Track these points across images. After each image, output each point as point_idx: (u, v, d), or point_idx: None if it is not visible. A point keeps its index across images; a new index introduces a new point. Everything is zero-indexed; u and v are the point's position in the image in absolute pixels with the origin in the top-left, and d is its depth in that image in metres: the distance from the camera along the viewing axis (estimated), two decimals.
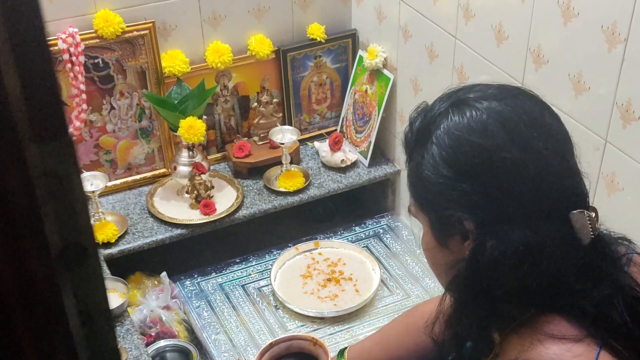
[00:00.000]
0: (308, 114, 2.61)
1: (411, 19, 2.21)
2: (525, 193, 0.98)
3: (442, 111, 1.05)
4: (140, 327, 2.06)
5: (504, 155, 0.98)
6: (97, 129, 2.29)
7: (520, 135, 1.00)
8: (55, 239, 0.34)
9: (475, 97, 1.04)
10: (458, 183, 1.00)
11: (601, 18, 1.53)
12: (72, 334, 0.36)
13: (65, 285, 0.35)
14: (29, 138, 0.32)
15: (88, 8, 2.15)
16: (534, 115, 1.02)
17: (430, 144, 1.04)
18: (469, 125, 1.01)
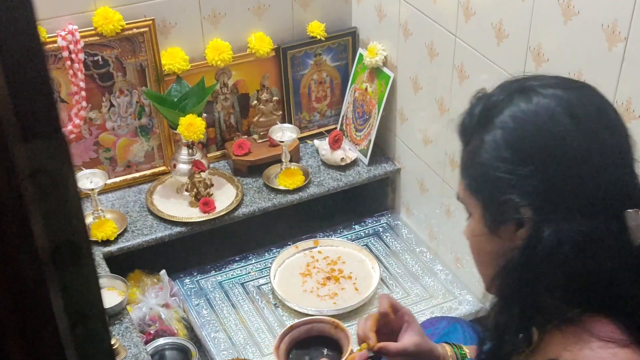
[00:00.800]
0: (308, 112, 2.61)
1: (411, 17, 2.20)
2: (586, 184, 0.96)
3: (506, 97, 1.03)
4: (140, 325, 2.06)
5: (569, 142, 0.96)
6: (96, 127, 2.29)
7: (587, 125, 0.98)
8: (45, 239, 0.34)
9: (541, 84, 1.03)
10: (519, 167, 0.98)
11: (601, 17, 1.53)
12: (61, 336, 0.36)
13: (54, 286, 0.35)
14: (16, 136, 0.32)
15: (88, 5, 2.15)
16: (601, 107, 1.01)
17: (492, 128, 1.02)
18: (536, 110, 0.99)
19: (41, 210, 0.34)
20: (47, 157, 0.34)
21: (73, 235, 0.36)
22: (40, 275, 0.34)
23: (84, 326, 0.37)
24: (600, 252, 0.96)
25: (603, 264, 0.96)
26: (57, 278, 0.35)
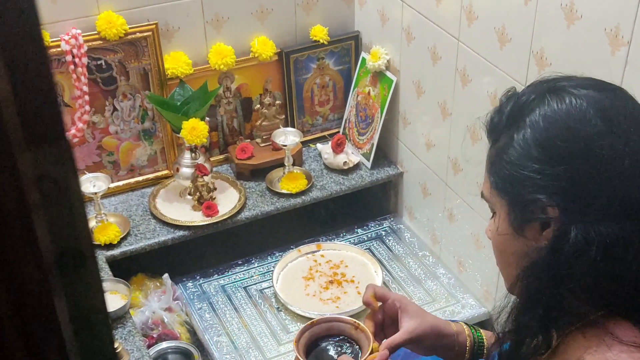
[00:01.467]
0: (311, 116, 2.61)
1: (414, 21, 2.21)
2: (616, 186, 0.96)
3: (537, 97, 1.03)
4: (142, 329, 2.06)
5: (601, 143, 0.96)
6: (99, 131, 2.29)
7: (620, 127, 0.97)
8: (49, 245, 0.34)
9: (574, 84, 1.03)
10: (548, 167, 0.98)
11: (604, 21, 1.53)
12: (65, 342, 0.36)
13: (58, 292, 0.35)
14: (20, 142, 0.32)
15: (91, 9, 2.15)
16: (634, 110, 1.00)
17: (522, 127, 1.02)
18: (568, 110, 0.99)
19: (45, 217, 0.34)
20: (52, 164, 0.34)
21: (77, 242, 0.36)
22: (45, 282, 0.34)
23: (88, 333, 0.37)
24: (628, 255, 0.95)
25: (630, 267, 0.95)
26: (61, 285, 0.35)
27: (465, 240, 2.21)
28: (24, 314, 0.34)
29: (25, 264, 0.34)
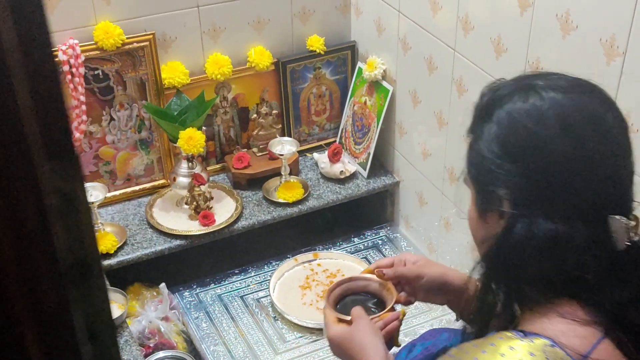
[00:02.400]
0: (307, 126, 2.62)
1: (410, 31, 2.22)
2: (567, 188, 1.01)
3: (509, 93, 1.08)
4: (139, 338, 2.06)
5: (553, 147, 1.01)
6: (96, 140, 2.30)
7: (575, 132, 1.01)
8: (64, 256, 0.35)
9: (544, 85, 1.06)
10: (505, 163, 1.04)
11: (600, 31, 1.54)
12: (81, 351, 0.36)
13: (74, 302, 0.35)
14: (40, 156, 0.33)
15: (88, 20, 2.16)
16: (596, 115, 1.03)
17: (490, 121, 1.07)
18: (529, 111, 1.04)
19: (61, 228, 0.34)
20: (61, 178, 0.34)
21: (85, 254, 0.36)
22: (63, 293, 0.35)
23: (94, 344, 0.38)
24: (571, 252, 1.01)
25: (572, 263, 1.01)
26: (76, 294, 0.35)
27: (462, 249, 2.21)
28: (42, 324, 0.35)
29: (44, 275, 0.34)
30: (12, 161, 0.31)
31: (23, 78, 0.31)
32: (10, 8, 0.28)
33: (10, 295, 0.32)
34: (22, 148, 0.32)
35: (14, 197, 0.32)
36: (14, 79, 0.30)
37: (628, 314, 1.02)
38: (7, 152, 0.31)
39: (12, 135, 0.31)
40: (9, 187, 0.31)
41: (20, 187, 0.32)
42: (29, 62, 0.31)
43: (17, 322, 0.33)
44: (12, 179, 0.31)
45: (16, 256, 0.32)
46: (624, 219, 1.02)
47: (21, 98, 0.31)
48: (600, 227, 1.02)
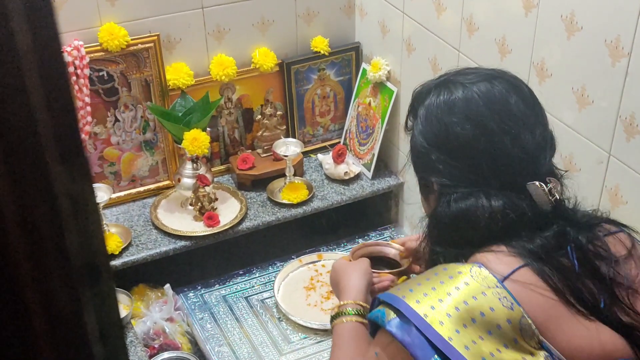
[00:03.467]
0: (311, 127, 2.62)
1: (415, 32, 2.22)
2: (479, 164, 1.21)
3: (426, 91, 1.30)
4: (144, 339, 2.06)
5: (458, 130, 1.21)
6: (101, 141, 2.30)
7: (477, 115, 1.21)
8: (76, 258, 0.35)
9: (454, 80, 1.27)
10: (428, 152, 1.25)
11: (605, 32, 1.54)
12: (93, 351, 0.36)
13: (86, 303, 0.36)
14: (53, 158, 0.33)
15: (93, 21, 2.16)
16: (497, 99, 1.22)
17: (416, 118, 1.29)
18: (440, 105, 1.25)
19: (73, 230, 0.34)
20: (72, 180, 0.34)
21: (94, 256, 0.37)
22: (75, 295, 0.35)
23: (103, 346, 0.38)
24: (480, 221, 1.20)
25: (483, 228, 1.21)
26: (88, 296, 0.36)
27: None
28: (55, 325, 0.35)
29: (57, 277, 0.34)
30: (27, 163, 0.31)
31: (37, 81, 0.31)
32: (25, 13, 0.29)
33: (23, 296, 0.33)
34: (36, 150, 0.32)
35: (28, 200, 0.32)
36: (28, 81, 0.30)
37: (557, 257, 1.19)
38: (22, 154, 0.31)
39: (26, 137, 0.31)
40: (24, 190, 0.31)
41: (34, 190, 0.32)
42: (42, 64, 0.31)
43: (31, 323, 0.33)
44: (26, 181, 0.31)
45: (30, 258, 0.32)
46: (540, 184, 1.20)
47: (35, 101, 0.31)
48: (523, 195, 1.20)
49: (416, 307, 1.14)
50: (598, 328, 1.16)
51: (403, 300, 1.16)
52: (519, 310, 1.12)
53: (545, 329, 1.13)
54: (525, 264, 1.17)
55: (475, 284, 1.14)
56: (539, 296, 1.15)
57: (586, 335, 1.15)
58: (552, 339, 1.14)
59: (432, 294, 1.15)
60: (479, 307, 1.12)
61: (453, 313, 1.12)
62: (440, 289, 1.15)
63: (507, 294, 1.12)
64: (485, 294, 1.12)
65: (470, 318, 1.12)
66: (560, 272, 1.17)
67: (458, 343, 1.10)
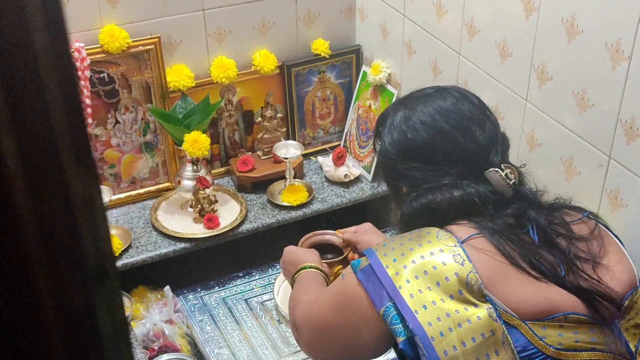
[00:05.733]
0: (312, 129, 2.62)
1: (415, 35, 2.22)
2: (439, 161, 1.38)
3: (385, 114, 1.50)
4: (143, 341, 2.06)
5: (416, 135, 1.40)
6: (101, 143, 2.30)
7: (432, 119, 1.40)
8: (89, 259, 0.35)
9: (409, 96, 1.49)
10: (395, 162, 1.43)
11: (605, 36, 1.54)
12: (104, 351, 0.37)
13: (99, 304, 0.36)
14: (70, 161, 0.33)
15: (94, 23, 2.16)
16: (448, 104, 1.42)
17: (382, 137, 1.47)
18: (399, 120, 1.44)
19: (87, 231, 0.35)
20: (82, 182, 0.34)
21: (102, 258, 0.37)
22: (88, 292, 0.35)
23: (110, 347, 0.38)
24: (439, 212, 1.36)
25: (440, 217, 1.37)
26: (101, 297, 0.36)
27: None
28: (69, 326, 0.35)
29: (72, 278, 0.34)
30: (44, 166, 0.31)
31: (53, 81, 0.31)
32: (44, 12, 0.29)
33: (39, 297, 0.33)
34: (54, 152, 0.32)
35: (45, 202, 0.32)
36: (45, 82, 0.30)
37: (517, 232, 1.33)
38: (39, 156, 0.31)
39: (43, 139, 0.31)
40: (40, 192, 0.31)
41: (51, 192, 0.32)
42: (58, 65, 0.31)
43: (45, 323, 0.34)
44: (43, 183, 0.32)
45: (46, 259, 0.33)
46: (497, 170, 1.36)
47: (52, 101, 0.31)
48: (483, 182, 1.37)
49: (382, 259, 1.30)
50: (548, 287, 1.29)
51: (374, 252, 1.32)
52: (469, 266, 1.25)
53: (491, 283, 1.25)
54: (481, 234, 1.32)
55: (436, 243, 1.29)
56: (490, 258, 1.28)
57: (533, 291, 1.27)
58: (497, 293, 1.25)
59: (398, 249, 1.31)
60: (433, 262, 1.26)
61: (409, 265, 1.27)
62: (406, 245, 1.31)
63: (462, 252, 1.27)
64: (442, 250, 1.27)
65: (423, 271, 1.26)
66: (516, 244, 1.31)
67: (405, 291, 1.25)
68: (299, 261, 1.74)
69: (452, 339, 1.22)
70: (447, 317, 1.23)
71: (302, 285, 1.65)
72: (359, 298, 1.32)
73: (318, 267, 1.70)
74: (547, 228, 1.36)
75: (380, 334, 1.30)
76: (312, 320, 1.45)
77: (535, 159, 1.83)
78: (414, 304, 1.24)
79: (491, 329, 1.23)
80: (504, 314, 1.25)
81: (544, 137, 1.80)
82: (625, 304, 1.33)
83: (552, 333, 1.26)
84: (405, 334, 1.25)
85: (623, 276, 1.35)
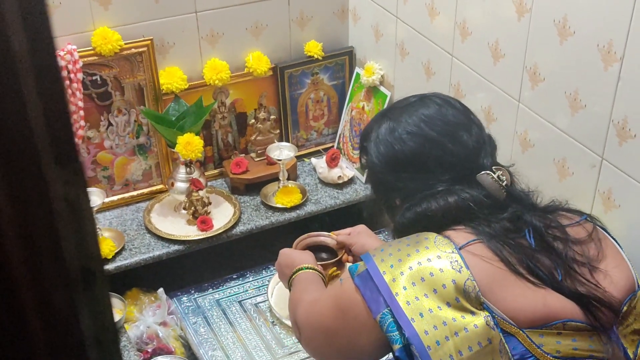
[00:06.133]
0: (305, 131, 2.62)
1: (408, 36, 2.22)
2: (429, 169, 1.39)
3: (369, 128, 1.50)
4: (137, 344, 2.05)
5: (404, 146, 1.41)
6: (94, 146, 2.30)
7: (417, 128, 1.41)
8: (71, 261, 0.35)
9: (391, 108, 1.51)
10: (384, 176, 1.44)
11: (597, 37, 1.55)
12: (88, 355, 0.36)
13: (81, 307, 0.36)
14: (49, 162, 0.33)
15: (86, 25, 2.16)
16: (432, 112, 1.43)
17: (366, 152, 1.49)
18: (383, 132, 1.45)
19: (68, 234, 0.34)
20: (66, 184, 0.34)
21: (89, 260, 0.37)
22: (71, 295, 0.35)
23: (97, 351, 0.38)
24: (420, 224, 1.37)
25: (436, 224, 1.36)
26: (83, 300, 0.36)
27: None
28: (51, 329, 0.35)
29: (53, 281, 0.34)
30: (22, 167, 0.31)
31: (32, 85, 0.31)
32: (22, 17, 0.29)
33: (19, 300, 0.33)
34: (32, 154, 0.32)
35: (24, 203, 0.32)
36: (24, 85, 0.30)
37: (514, 237, 1.32)
38: (17, 157, 0.31)
39: (22, 141, 0.31)
40: (19, 193, 0.31)
41: (30, 193, 0.32)
42: (38, 69, 0.31)
43: (26, 327, 0.33)
44: (22, 185, 0.31)
45: (26, 262, 0.33)
46: (489, 173, 1.37)
47: (30, 104, 0.31)
48: (475, 186, 1.37)
49: (379, 264, 1.29)
50: (546, 293, 1.27)
51: (372, 257, 1.31)
52: (467, 272, 1.23)
53: (489, 291, 1.24)
54: (478, 240, 1.31)
55: (434, 249, 1.27)
56: (488, 265, 1.27)
57: (531, 297, 1.26)
58: (495, 301, 1.24)
59: (395, 255, 1.29)
60: (430, 268, 1.25)
61: (406, 272, 1.26)
62: (403, 251, 1.29)
63: (460, 259, 1.25)
64: (439, 256, 1.26)
65: (420, 277, 1.24)
66: (513, 249, 1.30)
67: (402, 298, 1.24)
68: (294, 263, 1.75)
69: (449, 347, 1.21)
70: (443, 325, 1.22)
71: (301, 285, 1.67)
72: (357, 304, 1.31)
73: (315, 267, 1.71)
74: (543, 231, 1.34)
75: (377, 340, 1.30)
76: (312, 322, 1.47)
77: (528, 160, 1.83)
78: (411, 312, 1.23)
79: (488, 337, 1.22)
80: (502, 321, 1.23)
81: (537, 138, 1.81)
82: (623, 309, 1.31)
83: (550, 341, 1.25)
84: (401, 342, 1.24)
85: (621, 281, 1.34)
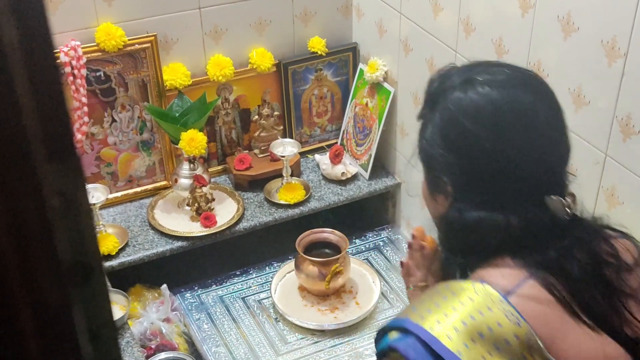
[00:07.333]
0: (309, 127, 2.62)
1: (412, 32, 2.22)
2: (497, 180, 1.14)
3: (451, 85, 1.18)
4: (141, 340, 2.06)
5: (482, 143, 1.13)
6: (98, 142, 2.30)
7: (505, 129, 1.13)
8: (66, 257, 0.35)
9: (483, 80, 1.16)
10: (445, 153, 1.16)
11: (601, 33, 1.54)
12: (81, 352, 0.36)
13: (76, 303, 0.36)
14: (41, 157, 0.33)
15: (90, 21, 2.16)
16: (525, 109, 1.14)
17: (435, 111, 1.18)
18: (465, 107, 1.15)
19: (62, 229, 0.34)
20: (63, 179, 0.34)
21: (86, 256, 0.36)
22: (64, 291, 0.35)
23: (96, 345, 0.38)
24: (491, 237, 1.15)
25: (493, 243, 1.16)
26: (76, 295, 0.36)
27: None
28: (43, 325, 0.35)
29: (45, 276, 0.34)
30: (14, 162, 0.31)
31: (25, 79, 0.31)
32: (12, 9, 0.29)
33: (11, 295, 0.32)
34: (24, 149, 0.32)
35: (15, 198, 0.32)
36: (16, 80, 0.30)
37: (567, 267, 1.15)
38: (9, 153, 0.31)
39: (13, 136, 0.31)
40: (11, 188, 0.31)
41: (22, 188, 0.32)
42: (31, 63, 0.31)
43: (18, 322, 0.33)
44: (13, 180, 0.31)
45: (18, 257, 0.32)
46: (559, 198, 1.15)
47: (23, 99, 0.31)
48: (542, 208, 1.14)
49: (421, 322, 1.11)
50: (603, 340, 1.14)
51: (407, 318, 1.13)
52: (526, 326, 1.09)
53: (551, 343, 1.11)
54: (529, 275, 1.14)
55: (480, 300, 1.11)
56: (545, 309, 1.13)
57: (592, 348, 1.14)
58: (559, 354, 1.11)
59: (436, 310, 1.12)
60: (486, 322, 1.09)
61: (460, 327, 1.09)
62: (444, 305, 1.12)
63: (513, 310, 1.09)
64: (490, 309, 1.10)
65: (477, 333, 1.08)
66: (567, 282, 1.14)
67: (467, 357, 1.07)
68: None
69: None
70: None
71: None
72: None
73: None
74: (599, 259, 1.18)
75: None
76: None
77: None
78: None
79: None
80: None
81: None
82: None
83: None
84: None
85: None
